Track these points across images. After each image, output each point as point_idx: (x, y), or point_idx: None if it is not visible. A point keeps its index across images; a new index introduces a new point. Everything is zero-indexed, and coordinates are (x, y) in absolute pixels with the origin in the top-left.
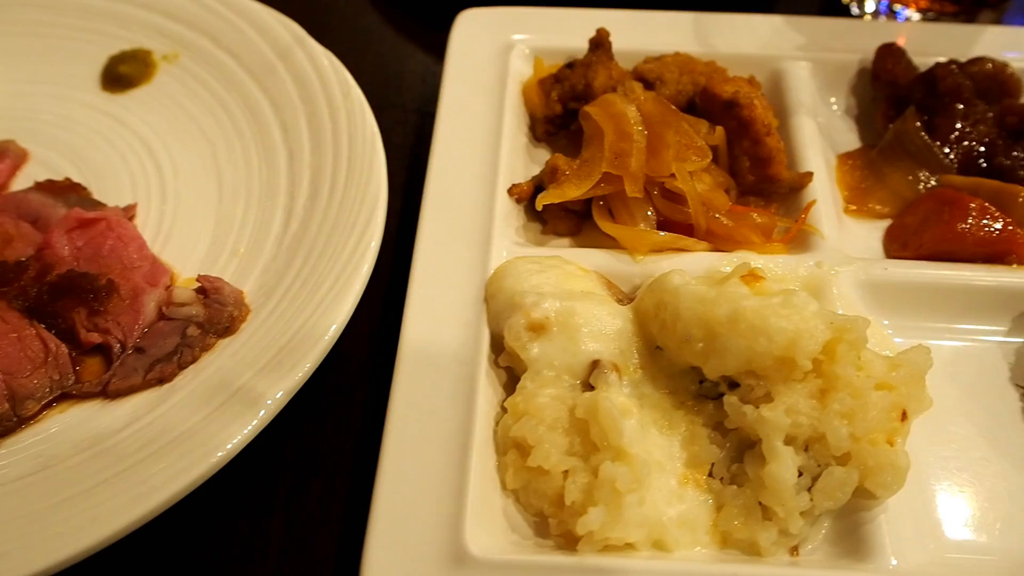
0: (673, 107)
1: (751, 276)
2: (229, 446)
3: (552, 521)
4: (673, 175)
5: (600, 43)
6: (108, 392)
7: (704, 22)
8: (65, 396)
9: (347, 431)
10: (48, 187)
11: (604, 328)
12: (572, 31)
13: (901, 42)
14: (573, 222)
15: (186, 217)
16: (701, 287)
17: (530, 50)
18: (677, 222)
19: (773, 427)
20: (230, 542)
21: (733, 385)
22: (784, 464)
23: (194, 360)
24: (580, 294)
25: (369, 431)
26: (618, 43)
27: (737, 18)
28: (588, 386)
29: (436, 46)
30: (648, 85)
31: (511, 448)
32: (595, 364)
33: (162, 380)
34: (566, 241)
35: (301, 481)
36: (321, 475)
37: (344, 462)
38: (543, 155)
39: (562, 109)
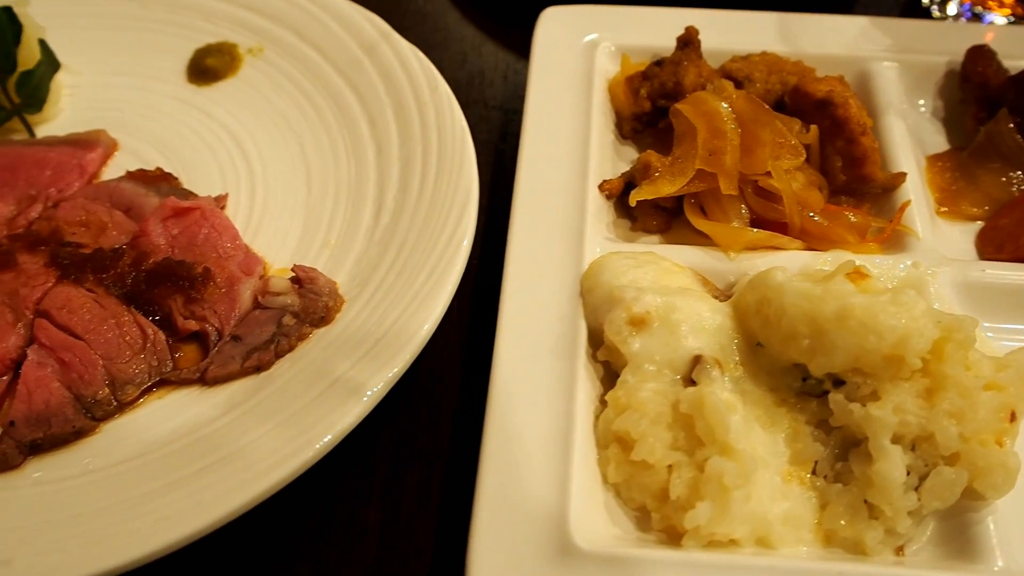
0: (765, 105)
1: (857, 274)
2: (332, 435)
3: (655, 515)
4: (768, 173)
5: (689, 41)
6: (206, 379)
7: (788, 22)
8: (163, 382)
9: (442, 422)
10: (140, 176)
11: (704, 324)
12: (655, 30)
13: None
14: (663, 219)
15: (275, 208)
16: (806, 284)
17: (615, 47)
18: (770, 220)
19: (881, 425)
20: (329, 531)
21: (838, 383)
22: (893, 463)
23: (290, 349)
24: (678, 290)
25: (464, 422)
26: (702, 42)
27: (822, 19)
28: (689, 381)
29: (516, 43)
30: (736, 84)
31: (613, 442)
32: (697, 359)
33: (259, 368)
34: (655, 238)
35: (397, 472)
36: (417, 466)
37: (440, 453)
38: (629, 152)
39: (651, 106)
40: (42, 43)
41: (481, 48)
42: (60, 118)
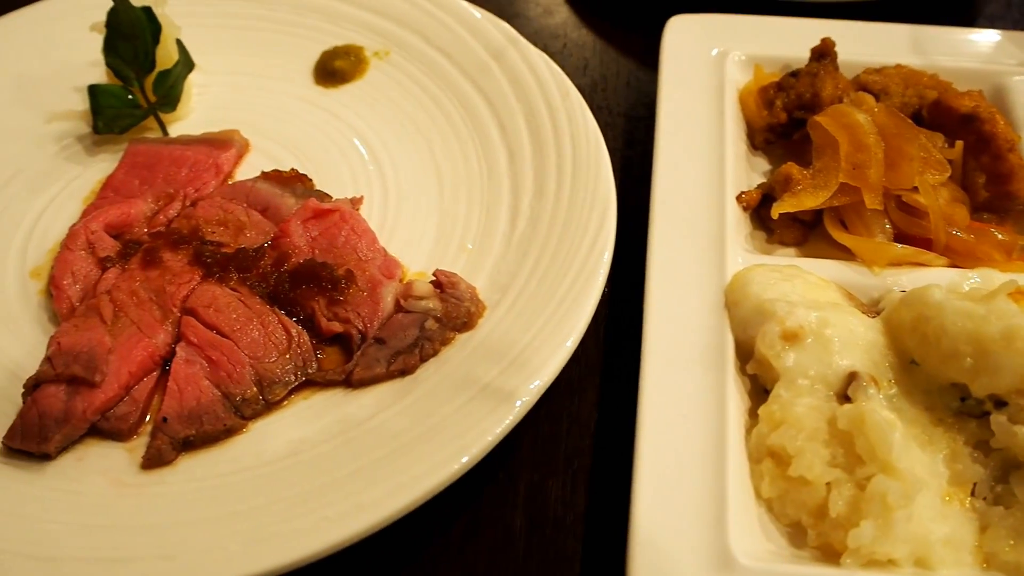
0: (907, 119)
1: (1019, 293)
2: (484, 443)
3: (811, 532)
4: (914, 188)
5: (825, 53)
6: (352, 381)
7: (920, 35)
8: (308, 383)
9: (583, 431)
10: (275, 177)
11: (857, 339)
12: (784, 40)
13: None
14: (801, 231)
15: (409, 212)
16: (967, 303)
17: (745, 56)
18: (913, 236)
19: None
20: (476, 537)
21: (1000, 404)
22: None
23: (435, 353)
24: (828, 304)
25: (606, 431)
26: None
27: (954, 31)
28: (844, 398)
29: (639, 50)
30: (872, 96)
31: (766, 457)
32: (852, 376)
33: (404, 371)
34: (791, 250)
35: (540, 480)
36: (560, 473)
37: (582, 462)
38: (761, 164)
39: (787, 118)
40: (179, 43)
41: (602, 55)
42: (191, 117)
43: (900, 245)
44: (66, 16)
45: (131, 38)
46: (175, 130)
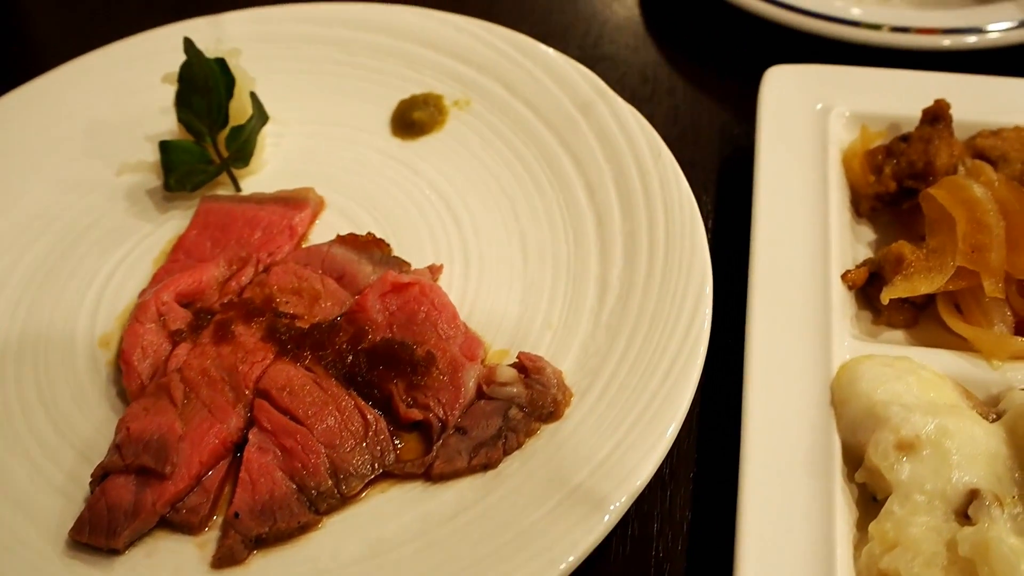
0: None
1: None
2: (575, 555)
3: None
4: None
5: (939, 116)
6: (431, 474)
7: None
8: (385, 475)
9: (676, 532)
10: (351, 241)
11: (978, 450)
12: (892, 95)
13: None
14: (911, 314)
15: (491, 280)
16: None
17: (850, 113)
18: None
19: None
20: None
21: None
22: None
23: (519, 446)
24: (946, 408)
25: (701, 534)
26: None
27: None
28: (964, 516)
29: (734, 98)
30: (989, 163)
31: None
32: (974, 494)
33: (487, 466)
34: (900, 333)
35: None
36: None
37: (677, 568)
38: (866, 233)
39: (896, 187)
40: (253, 96)
41: (694, 103)
42: (265, 170)
43: (1023, 339)
44: (138, 60)
45: (204, 92)
46: (248, 184)
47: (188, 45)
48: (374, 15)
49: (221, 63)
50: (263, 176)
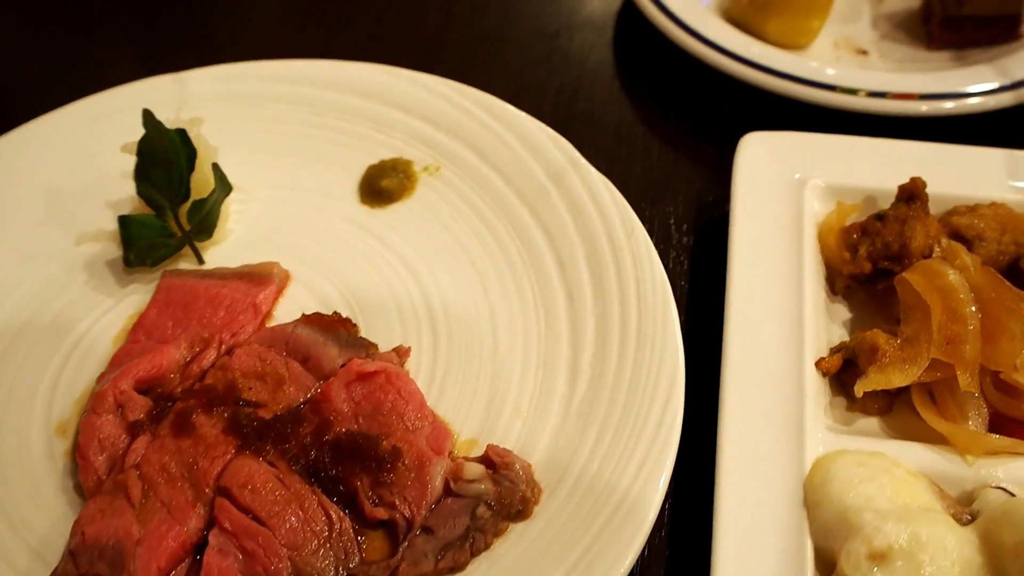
0: (1006, 281)
1: None
2: None
3: None
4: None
5: (915, 195)
6: None
7: (1019, 162)
8: None
9: None
10: (316, 321)
11: (951, 559)
12: (869, 164)
13: None
14: (886, 401)
15: (460, 362)
16: None
17: (825, 184)
18: (1011, 418)
19: None
20: None
21: None
22: None
23: (487, 547)
24: (919, 513)
25: None
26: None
27: None
28: None
29: (709, 161)
30: (965, 243)
31: None
32: None
33: (454, 569)
34: (874, 421)
35: None
36: None
37: None
38: (841, 312)
39: (871, 268)
40: (215, 167)
41: (671, 166)
42: (230, 239)
43: (998, 436)
44: (100, 120)
45: (165, 165)
46: (212, 254)
47: (147, 117)
48: (343, 73)
49: (182, 134)
50: (228, 245)
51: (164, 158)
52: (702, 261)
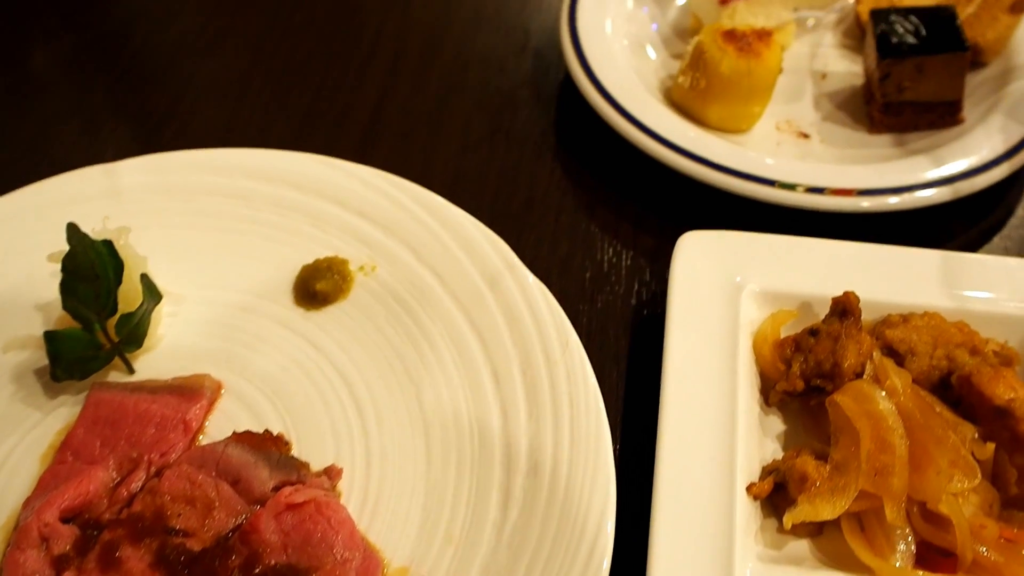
0: (935, 408)
1: None
2: None
3: None
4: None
5: (848, 311)
6: None
7: (953, 265)
8: None
9: None
10: (248, 439)
11: None
12: (805, 267)
13: None
14: (816, 526)
15: (393, 482)
16: None
17: (760, 290)
18: (937, 547)
19: None
20: None
21: None
22: None
23: None
24: None
25: None
26: (851, 284)
27: (990, 260)
28: None
29: (647, 255)
30: (897, 357)
31: None
32: None
33: None
34: (805, 544)
35: None
36: None
37: None
38: (774, 425)
39: (804, 386)
40: (144, 278)
41: (610, 261)
42: (161, 346)
43: (922, 572)
44: (27, 214)
45: (91, 280)
46: (143, 362)
47: (72, 231)
48: (277, 163)
49: (108, 245)
50: (159, 353)
51: (90, 273)
52: (637, 363)
